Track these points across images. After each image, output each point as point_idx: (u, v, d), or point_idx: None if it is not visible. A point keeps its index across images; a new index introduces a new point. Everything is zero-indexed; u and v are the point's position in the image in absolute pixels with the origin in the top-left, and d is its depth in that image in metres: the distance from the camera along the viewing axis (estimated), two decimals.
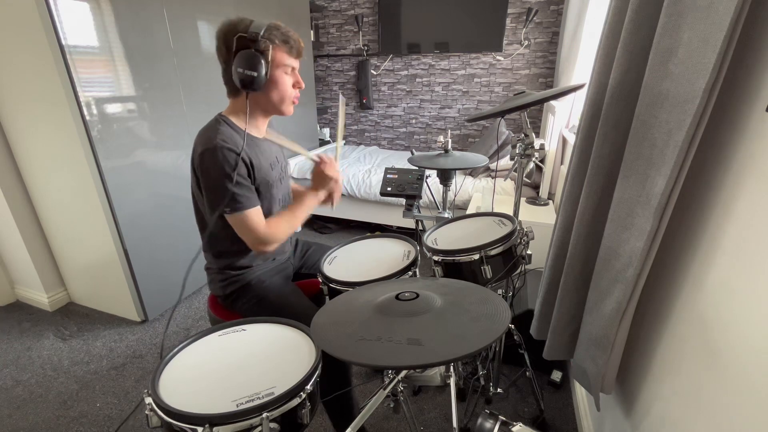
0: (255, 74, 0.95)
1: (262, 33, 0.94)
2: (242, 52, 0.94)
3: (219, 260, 1.14)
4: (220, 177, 0.97)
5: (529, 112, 1.93)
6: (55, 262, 2.19)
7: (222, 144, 0.96)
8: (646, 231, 0.71)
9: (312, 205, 1.14)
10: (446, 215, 1.60)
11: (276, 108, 1.06)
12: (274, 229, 1.05)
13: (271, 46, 0.97)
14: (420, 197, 1.61)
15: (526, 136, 1.19)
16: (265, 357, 0.76)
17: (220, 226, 1.07)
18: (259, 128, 1.12)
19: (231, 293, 1.15)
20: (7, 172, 1.94)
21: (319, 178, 1.14)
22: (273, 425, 0.64)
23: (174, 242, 2.11)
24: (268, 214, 1.11)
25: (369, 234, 1.32)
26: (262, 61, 0.95)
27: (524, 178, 1.25)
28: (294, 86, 1.06)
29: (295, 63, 1.04)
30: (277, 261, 1.23)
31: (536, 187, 2.52)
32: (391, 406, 1.09)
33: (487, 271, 1.01)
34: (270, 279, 1.18)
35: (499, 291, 1.37)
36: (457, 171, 1.67)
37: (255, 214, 1.03)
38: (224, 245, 1.12)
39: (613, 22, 0.81)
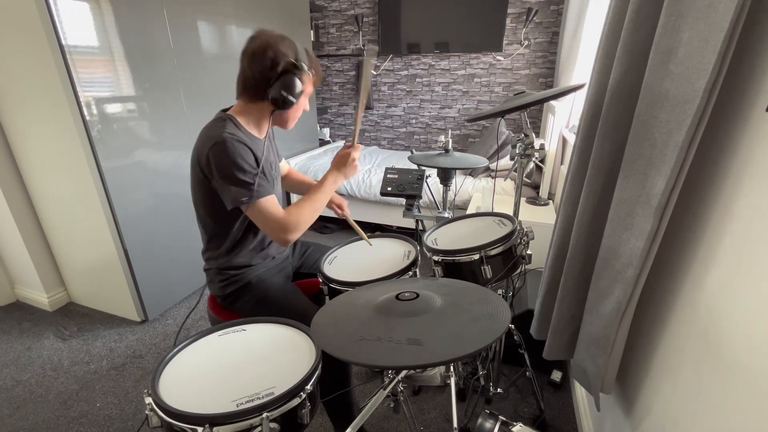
0: (294, 101, 1.01)
1: (307, 66, 1.03)
2: (289, 77, 0.99)
3: (218, 260, 1.14)
4: (234, 168, 0.97)
5: (529, 112, 1.90)
6: (55, 262, 2.19)
7: (231, 137, 0.97)
8: (646, 231, 0.71)
9: (331, 188, 1.11)
10: (446, 215, 1.59)
11: (283, 124, 1.13)
12: (295, 215, 1.03)
13: (310, 78, 1.05)
14: (420, 197, 1.61)
15: (526, 136, 1.19)
16: (265, 357, 0.76)
17: (221, 224, 1.07)
18: (261, 131, 1.13)
19: (231, 293, 1.15)
20: (7, 172, 1.94)
21: (343, 160, 1.11)
22: (273, 425, 0.64)
23: (174, 242, 2.11)
24: None
25: (369, 234, 1.32)
26: (300, 90, 1.02)
27: (524, 178, 1.25)
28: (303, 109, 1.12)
29: (312, 90, 1.11)
30: (277, 260, 1.23)
31: (536, 187, 2.52)
32: (391, 406, 1.09)
33: (487, 271, 1.01)
34: (270, 278, 1.18)
35: (499, 291, 1.37)
36: (457, 171, 1.66)
37: (272, 201, 1.03)
38: (223, 244, 1.12)
39: (613, 22, 0.81)
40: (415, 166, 1.55)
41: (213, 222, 1.09)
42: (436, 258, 1.08)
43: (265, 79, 0.99)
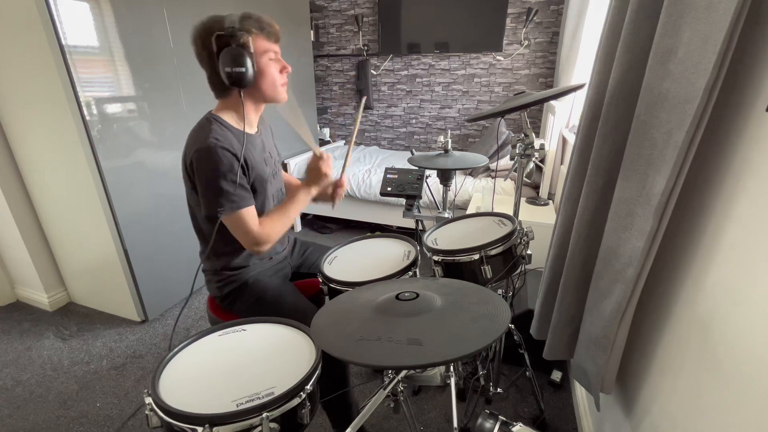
0: (244, 69, 0.93)
1: (238, 26, 0.93)
2: (225, 50, 0.93)
3: (215, 261, 1.14)
4: (215, 177, 0.96)
5: (529, 112, 1.91)
6: (55, 262, 2.19)
7: (216, 143, 0.95)
8: (646, 231, 0.70)
9: (303, 201, 1.12)
10: (446, 215, 1.60)
11: (269, 97, 1.05)
12: (267, 229, 1.04)
13: (249, 37, 0.95)
14: (420, 197, 1.61)
15: (526, 136, 1.18)
16: (265, 357, 0.76)
17: (214, 226, 1.06)
18: (252, 123, 1.11)
19: (228, 294, 1.15)
20: (7, 172, 1.94)
21: (314, 173, 1.12)
22: (273, 425, 0.64)
23: (174, 242, 2.11)
24: (261, 210, 1.10)
25: (369, 234, 1.32)
26: (247, 55, 0.94)
27: (524, 178, 1.25)
28: (281, 71, 1.04)
29: (275, 47, 1.02)
30: (274, 260, 1.23)
31: (536, 187, 2.52)
32: (391, 406, 1.09)
33: (487, 271, 1.01)
34: (267, 278, 1.17)
35: (499, 291, 1.37)
36: (457, 171, 1.66)
37: (249, 213, 1.02)
38: (219, 246, 1.11)
39: (613, 22, 0.81)
40: (415, 167, 1.55)
41: (206, 224, 1.09)
42: (436, 258, 1.08)
43: (215, 69, 0.96)
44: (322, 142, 3.88)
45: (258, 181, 1.07)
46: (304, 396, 0.67)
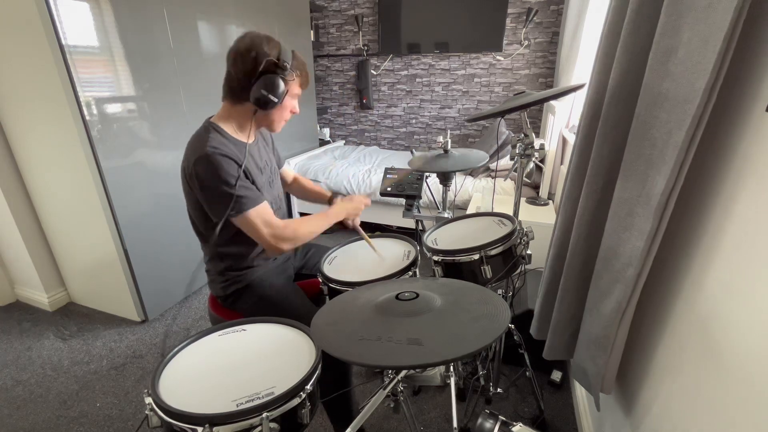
0: (276, 100, 0.99)
1: (290, 64, 1.00)
2: (270, 77, 0.98)
3: (219, 262, 1.14)
4: (217, 183, 0.97)
5: (529, 112, 1.91)
6: (55, 262, 2.19)
7: (213, 150, 0.96)
8: (646, 231, 0.71)
9: (334, 218, 1.18)
10: (446, 215, 1.59)
11: (270, 125, 1.11)
12: (294, 228, 1.06)
13: (294, 80, 1.03)
14: (420, 197, 1.61)
15: (526, 136, 1.18)
16: (265, 357, 0.76)
17: (214, 230, 1.06)
18: (248, 134, 1.12)
19: (232, 293, 1.15)
20: (7, 172, 1.94)
21: (355, 202, 1.24)
22: (273, 425, 0.64)
23: (174, 242, 2.11)
24: None
25: (369, 234, 1.32)
26: (283, 90, 1.00)
27: (524, 178, 1.25)
28: (291, 111, 1.11)
29: (300, 92, 1.10)
30: (278, 261, 1.23)
31: (536, 187, 2.52)
32: (391, 406, 1.09)
33: (487, 271, 1.01)
34: (271, 279, 1.18)
35: (499, 291, 1.37)
36: (456, 171, 1.66)
37: (262, 210, 1.02)
38: (224, 249, 1.11)
39: (613, 22, 0.81)
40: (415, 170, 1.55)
41: (207, 229, 1.09)
42: (436, 258, 1.08)
43: (247, 79, 0.98)
44: (322, 142, 3.88)
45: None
46: (304, 396, 0.68)
